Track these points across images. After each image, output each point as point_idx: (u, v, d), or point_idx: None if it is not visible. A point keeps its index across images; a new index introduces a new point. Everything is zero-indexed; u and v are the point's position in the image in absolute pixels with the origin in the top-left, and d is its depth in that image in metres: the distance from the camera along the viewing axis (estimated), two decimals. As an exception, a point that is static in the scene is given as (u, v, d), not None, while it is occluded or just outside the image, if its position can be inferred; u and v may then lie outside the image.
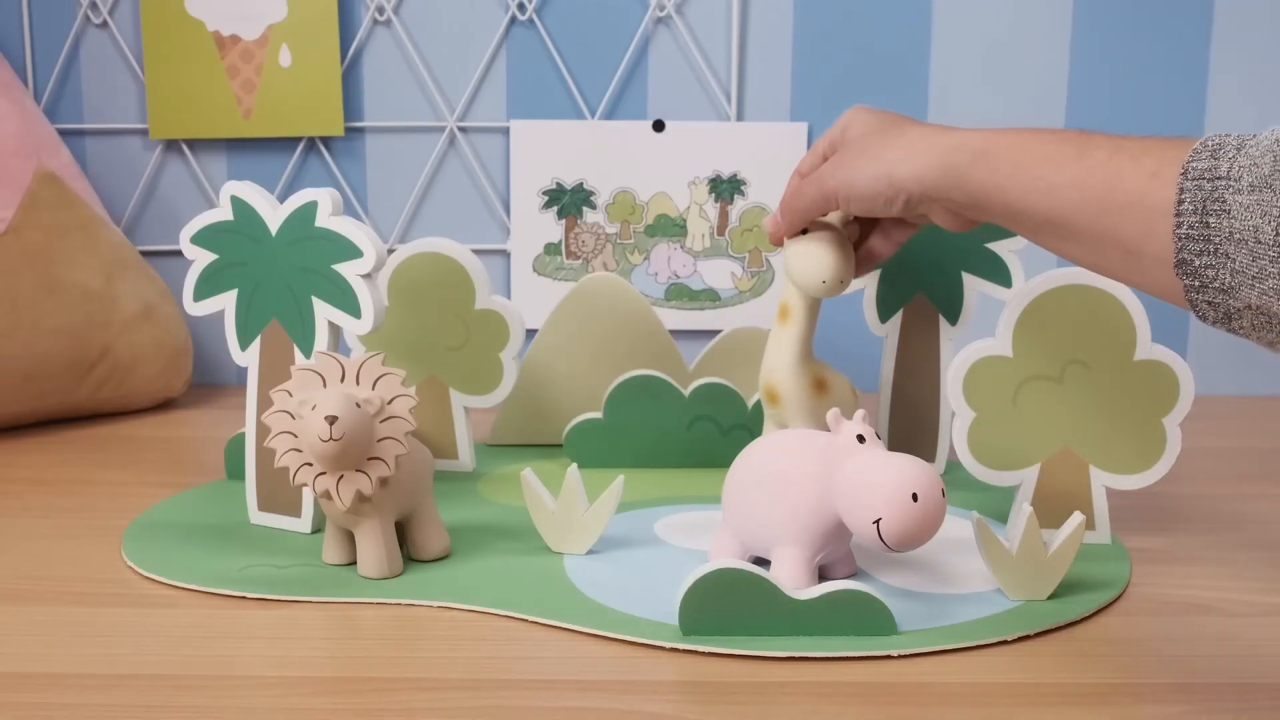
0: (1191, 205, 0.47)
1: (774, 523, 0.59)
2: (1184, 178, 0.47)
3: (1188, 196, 0.47)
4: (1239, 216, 0.45)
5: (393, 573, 0.63)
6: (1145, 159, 0.49)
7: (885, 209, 0.61)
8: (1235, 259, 0.46)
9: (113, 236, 1.04)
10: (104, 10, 1.12)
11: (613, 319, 0.89)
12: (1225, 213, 0.46)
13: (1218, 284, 0.47)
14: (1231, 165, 0.46)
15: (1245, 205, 0.45)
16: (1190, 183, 0.47)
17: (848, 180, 0.62)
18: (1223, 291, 0.47)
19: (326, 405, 0.59)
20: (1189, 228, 0.47)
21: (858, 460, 0.56)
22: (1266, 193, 0.44)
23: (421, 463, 0.65)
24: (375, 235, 0.68)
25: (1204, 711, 0.49)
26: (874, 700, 0.50)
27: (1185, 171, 0.47)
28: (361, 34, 1.12)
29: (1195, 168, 0.47)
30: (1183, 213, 0.47)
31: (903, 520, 0.53)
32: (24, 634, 0.56)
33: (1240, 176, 0.45)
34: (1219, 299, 0.47)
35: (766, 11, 1.12)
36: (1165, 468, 0.67)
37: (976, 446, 0.68)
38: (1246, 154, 0.46)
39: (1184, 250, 0.47)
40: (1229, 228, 0.46)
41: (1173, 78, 1.11)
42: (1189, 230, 0.47)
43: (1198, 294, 0.48)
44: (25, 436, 0.96)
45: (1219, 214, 0.46)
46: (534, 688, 0.51)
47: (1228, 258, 0.46)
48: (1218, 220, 0.46)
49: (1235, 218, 0.45)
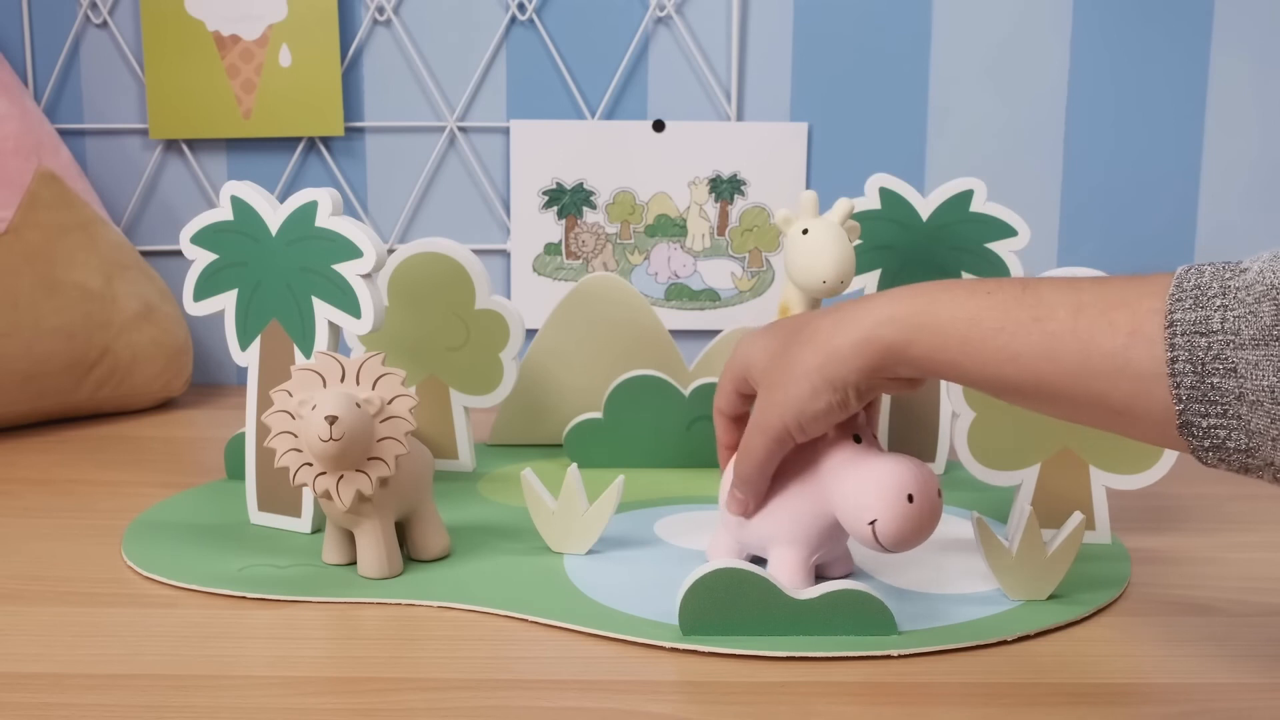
0: (1188, 365, 0.43)
1: (771, 522, 0.59)
2: (1171, 333, 0.44)
3: (1181, 355, 0.43)
4: (1248, 376, 0.42)
5: (393, 573, 0.63)
6: (1116, 314, 0.45)
7: (844, 412, 0.55)
8: (1250, 420, 0.43)
9: (113, 236, 1.04)
10: (104, 10, 1.12)
11: (613, 319, 0.89)
12: (1231, 372, 0.42)
13: (1232, 444, 0.44)
14: (1224, 316, 0.43)
15: (1253, 362, 0.42)
16: (1181, 339, 0.43)
17: (793, 412, 0.55)
18: (1240, 451, 0.44)
19: (326, 405, 0.59)
20: (1189, 389, 0.44)
21: (853, 460, 0.56)
22: (1275, 346, 0.41)
23: (422, 463, 0.65)
24: (375, 235, 0.68)
25: (1204, 711, 0.49)
26: (874, 700, 0.50)
27: (1171, 326, 0.44)
28: (361, 34, 1.12)
29: (1181, 321, 0.43)
30: (1178, 373, 0.44)
31: (898, 521, 0.53)
32: (24, 634, 0.56)
33: (1239, 329, 0.42)
34: (1235, 457, 0.44)
35: (766, 11, 1.12)
36: (1165, 468, 0.67)
37: (976, 446, 0.68)
38: (1237, 299, 0.43)
39: (1187, 413, 0.44)
40: (1238, 388, 0.42)
41: (1173, 77, 1.11)
42: (1190, 392, 0.44)
43: (1208, 453, 0.45)
44: (25, 436, 0.96)
45: (1223, 374, 0.43)
46: (534, 688, 0.51)
47: (1240, 419, 0.43)
48: (1223, 380, 0.43)
49: (1244, 377, 0.42)
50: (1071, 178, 1.13)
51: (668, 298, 1.15)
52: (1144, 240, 1.14)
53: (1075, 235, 1.14)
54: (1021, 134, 1.13)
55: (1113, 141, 1.13)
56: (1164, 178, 1.13)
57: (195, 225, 0.71)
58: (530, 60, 1.13)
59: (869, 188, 0.81)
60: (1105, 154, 1.13)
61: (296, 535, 0.71)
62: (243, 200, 0.70)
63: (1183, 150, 1.13)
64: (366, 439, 0.60)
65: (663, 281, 1.15)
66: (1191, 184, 1.13)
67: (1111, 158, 1.13)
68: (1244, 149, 1.12)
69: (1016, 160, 1.13)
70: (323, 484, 0.61)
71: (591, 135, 1.12)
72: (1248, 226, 1.13)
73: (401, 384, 0.62)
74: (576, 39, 1.12)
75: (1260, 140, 1.12)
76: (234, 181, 0.70)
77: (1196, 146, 1.13)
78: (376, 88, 1.14)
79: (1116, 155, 1.13)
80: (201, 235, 0.71)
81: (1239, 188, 1.13)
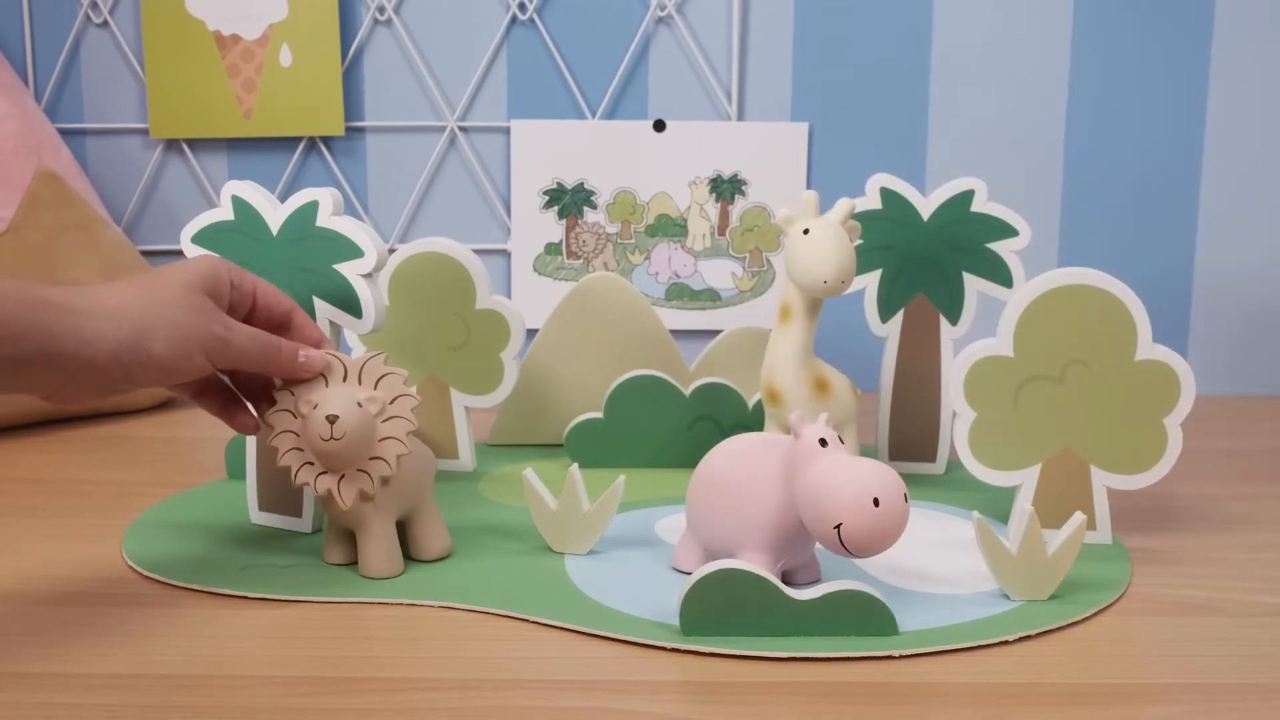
0: None
1: (737, 527, 0.59)
2: None
3: None
4: None
5: (394, 573, 0.63)
6: None
7: None
8: None
9: (113, 236, 1.04)
10: (104, 10, 1.12)
11: (613, 319, 0.89)
12: None
13: None
14: None
15: None
16: None
17: None
18: None
19: (328, 405, 0.59)
20: None
21: (820, 464, 0.55)
22: None
23: (423, 463, 0.65)
24: (376, 235, 0.68)
25: (1204, 711, 0.49)
26: (874, 700, 0.50)
27: None
28: (362, 34, 1.12)
29: None
30: None
31: (864, 526, 0.53)
32: (24, 634, 0.56)
33: None
34: None
35: (766, 11, 1.12)
36: (1166, 468, 0.67)
37: (977, 446, 0.68)
38: None
39: None
40: None
41: (1173, 77, 1.11)
42: None
43: None
44: (25, 436, 0.96)
45: None
46: (534, 688, 0.51)
47: None
48: None
49: None
50: (1071, 178, 1.13)
51: (668, 298, 1.15)
52: (1144, 240, 1.14)
53: (1075, 235, 1.14)
54: (1021, 134, 1.13)
55: (1113, 141, 1.13)
56: (1164, 178, 1.13)
57: (196, 225, 0.71)
58: (531, 60, 1.13)
59: (869, 188, 0.81)
60: (1105, 154, 1.13)
61: (297, 535, 0.71)
62: (243, 200, 0.70)
63: (1183, 150, 1.13)
64: (368, 438, 0.60)
65: (663, 281, 1.15)
66: (1191, 184, 1.13)
67: (1111, 158, 1.13)
68: (1244, 149, 1.12)
69: (1016, 160, 1.13)
70: (324, 484, 0.61)
71: (592, 135, 1.12)
72: (1248, 227, 1.13)
73: (404, 384, 0.62)
74: (577, 39, 1.12)
75: (1260, 140, 1.12)
76: (235, 181, 0.70)
77: (1197, 146, 1.13)
78: (377, 88, 1.14)
79: (1116, 155, 1.13)
80: (202, 235, 0.71)
81: (1239, 188, 1.13)
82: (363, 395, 0.61)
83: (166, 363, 0.56)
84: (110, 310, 0.54)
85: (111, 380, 0.55)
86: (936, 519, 0.75)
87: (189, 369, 0.57)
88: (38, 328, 0.51)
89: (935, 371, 0.83)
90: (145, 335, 0.55)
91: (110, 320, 0.54)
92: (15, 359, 0.51)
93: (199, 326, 0.57)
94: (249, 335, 0.59)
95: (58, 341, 0.52)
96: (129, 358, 0.54)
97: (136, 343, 0.54)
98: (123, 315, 0.54)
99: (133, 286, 0.56)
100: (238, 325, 0.59)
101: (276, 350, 0.60)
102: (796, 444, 0.57)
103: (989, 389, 0.67)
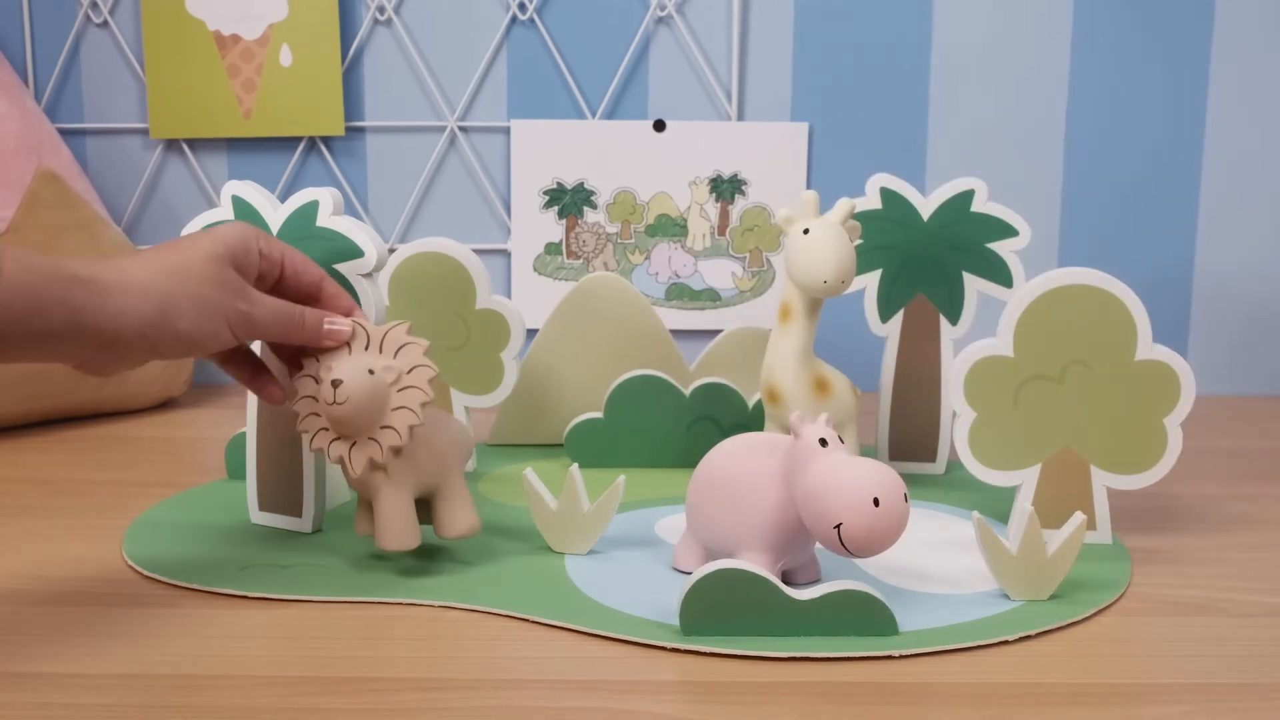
0: None
1: (736, 527, 0.59)
2: None
3: None
4: None
5: (408, 545, 0.62)
6: None
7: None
8: None
9: (113, 236, 1.04)
10: (104, 10, 1.12)
11: (613, 319, 0.89)
12: None
13: None
14: None
15: None
16: None
17: None
18: None
19: (335, 370, 0.59)
20: None
21: (819, 464, 0.55)
22: None
23: (450, 440, 0.65)
24: (376, 235, 0.68)
25: (1204, 711, 0.49)
26: (874, 700, 0.50)
27: None
28: (362, 34, 1.12)
29: None
30: None
31: (864, 525, 0.53)
32: (24, 634, 0.56)
33: None
34: None
35: (766, 11, 1.12)
36: (1166, 468, 0.67)
37: (977, 446, 0.68)
38: None
39: None
40: None
41: (1173, 77, 1.11)
42: None
43: None
44: (25, 436, 0.96)
45: None
46: (534, 688, 0.51)
47: None
48: None
49: None
50: (1071, 178, 1.13)
51: (668, 297, 1.15)
52: (1144, 240, 1.14)
53: (1075, 235, 1.14)
54: (1021, 134, 1.13)
55: (1112, 141, 1.13)
56: (1164, 178, 1.13)
57: (196, 225, 0.71)
58: (531, 60, 1.13)
59: (870, 188, 0.81)
60: (1105, 154, 1.13)
61: (297, 535, 0.71)
62: (244, 200, 0.70)
63: (1182, 150, 1.13)
64: (378, 406, 0.60)
65: (663, 281, 1.15)
66: (1191, 184, 1.13)
67: (1111, 158, 1.13)
68: (1244, 149, 1.12)
69: (1016, 160, 1.13)
70: (337, 450, 0.61)
71: (592, 135, 1.12)
72: (1247, 227, 1.14)
73: (423, 354, 0.62)
74: (577, 39, 1.12)
75: (1260, 140, 1.12)
76: (235, 181, 0.70)
77: (1196, 146, 1.13)
78: (377, 87, 1.14)
79: (1116, 155, 1.13)
80: (202, 235, 0.71)
81: (1239, 188, 1.13)
82: (378, 363, 0.61)
83: (192, 337, 0.57)
84: (137, 286, 0.55)
85: (139, 353, 0.56)
86: (936, 519, 0.75)
87: (213, 343, 0.58)
88: (65, 302, 0.53)
89: (935, 371, 0.83)
90: (170, 311, 0.56)
91: (136, 296, 0.55)
92: (45, 332, 0.52)
93: (224, 302, 0.58)
94: (272, 308, 0.60)
95: (85, 315, 0.53)
96: (154, 333, 0.55)
97: (162, 318, 0.55)
98: (149, 291, 0.55)
99: (161, 260, 0.57)
100: (261, 298, 0.60)
101: (300, 321, 0.61)
102: (796, 444, 0.57)
103: (989, 389, 0.67)
